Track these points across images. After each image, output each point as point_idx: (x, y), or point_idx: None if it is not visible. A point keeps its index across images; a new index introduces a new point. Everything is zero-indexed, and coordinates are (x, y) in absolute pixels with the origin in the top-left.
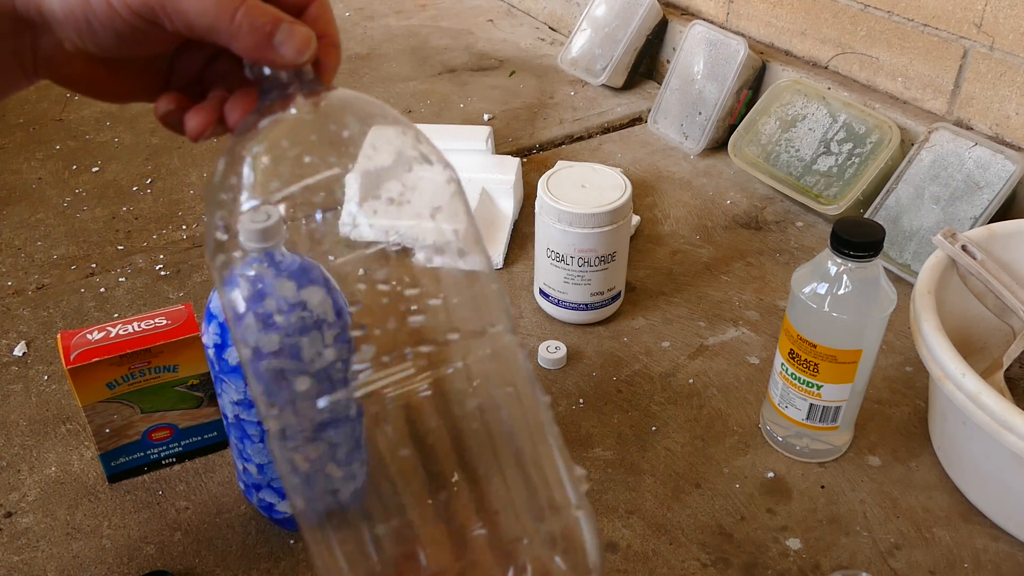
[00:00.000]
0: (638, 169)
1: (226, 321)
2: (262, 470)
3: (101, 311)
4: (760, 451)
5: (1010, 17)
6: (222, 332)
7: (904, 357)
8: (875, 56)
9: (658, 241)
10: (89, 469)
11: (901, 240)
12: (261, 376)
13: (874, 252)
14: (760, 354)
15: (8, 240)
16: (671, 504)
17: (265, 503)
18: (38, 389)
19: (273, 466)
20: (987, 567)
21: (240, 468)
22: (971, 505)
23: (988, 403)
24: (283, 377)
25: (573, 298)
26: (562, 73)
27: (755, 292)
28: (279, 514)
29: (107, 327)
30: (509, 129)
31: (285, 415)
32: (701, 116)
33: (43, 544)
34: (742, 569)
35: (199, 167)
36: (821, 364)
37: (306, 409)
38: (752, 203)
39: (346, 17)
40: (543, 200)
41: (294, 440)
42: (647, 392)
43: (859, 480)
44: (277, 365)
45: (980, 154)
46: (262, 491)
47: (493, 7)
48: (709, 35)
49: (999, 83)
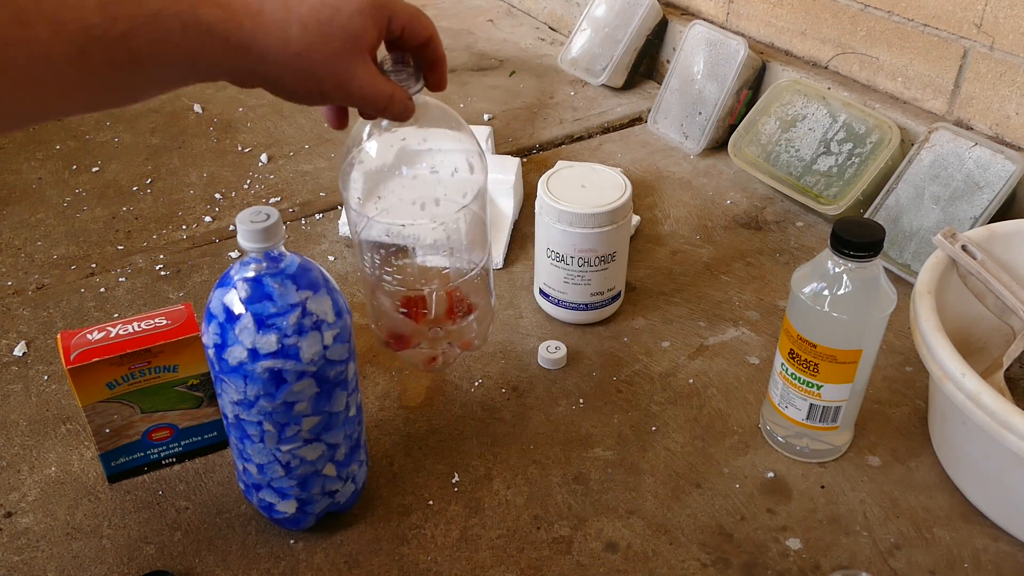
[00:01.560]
0: (638, 169)
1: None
2: (262, 470)
3: (101, 311)
4: (760, 451)
5: (1010, 17)
6: (222, 332)
7: (904, 357)
8: (875, 56)
9: (658, 241)
10: (89, 469)
11: (901, 240)
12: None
13: (874, 252)
14: (760, 354)
15: (8, 240)
16: (671, 504)
17: (265, 503)
18: (38, 389)
19: (273, 466)
20: (987, 567)
21: (240, 468)
22: (971, 505)
23: (988, 403)
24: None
25: (573, 298)
26: (562, 73)
27: (755, 292)
28: (279, 514)
29: (107, 327)
30: (509, 129)
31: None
32: (701, 116)
33: (43, 544)
34: (742, 569)
35: (199, 167)
36: (821, 364)
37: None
38: (752, 203)
39: None
40: (543, 200)
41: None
42: (647, 392)
43: (859, 480)
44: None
45: (980, 154)
46: (262, 491)
47: (493, 7)
48: (709, 35)
49: (999, 83)
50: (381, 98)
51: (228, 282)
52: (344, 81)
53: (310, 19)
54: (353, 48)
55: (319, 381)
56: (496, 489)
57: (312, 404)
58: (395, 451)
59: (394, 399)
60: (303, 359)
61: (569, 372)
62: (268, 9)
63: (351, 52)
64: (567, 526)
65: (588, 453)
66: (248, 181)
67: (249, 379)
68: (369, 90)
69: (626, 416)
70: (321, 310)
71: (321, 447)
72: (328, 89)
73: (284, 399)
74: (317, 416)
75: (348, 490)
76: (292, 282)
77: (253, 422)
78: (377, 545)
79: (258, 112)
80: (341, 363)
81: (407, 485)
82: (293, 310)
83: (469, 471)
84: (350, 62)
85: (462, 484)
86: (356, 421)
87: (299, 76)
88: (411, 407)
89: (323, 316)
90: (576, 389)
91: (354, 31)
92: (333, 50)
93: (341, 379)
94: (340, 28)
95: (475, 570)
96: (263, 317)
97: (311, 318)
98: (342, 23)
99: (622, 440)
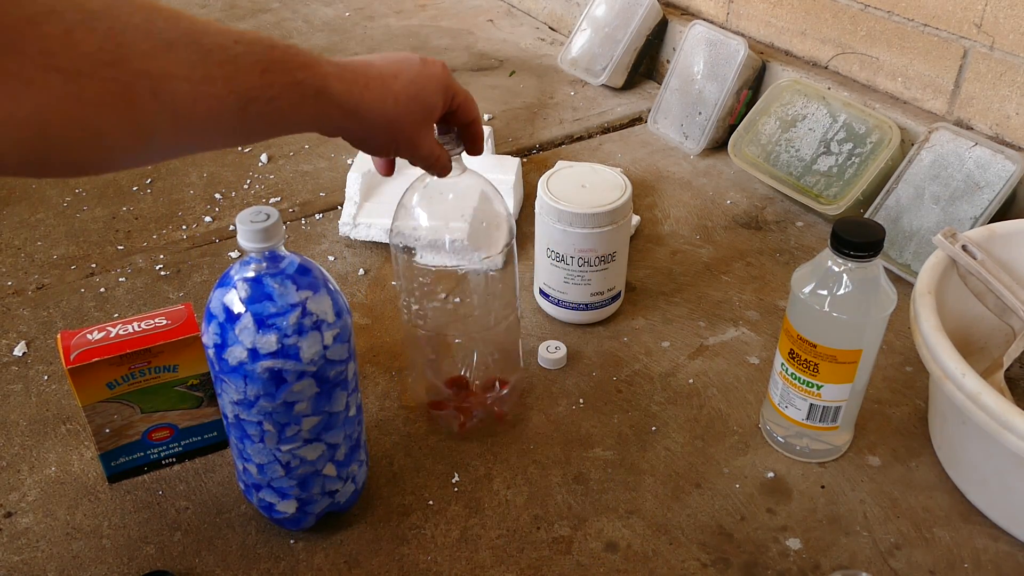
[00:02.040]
0: (638, 169)
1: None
2: (262, 470)
3: (101, 311)
4: (760, 451)
5: (1010, 17)
6: (222, 332)
7: (904, 357)
8: (875, 56)
9: (658, 241)
10: (89, 469)
11: (901, 240)
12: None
13: (874, 252)
14: (760, 354)
15: (8, 240)
16: (671, 504)
17: (265, 503)
18: (38, 389)
19: (273, 466)
20: (987, 567)
21: (240, 468)
22: (971, 505)
23: (988, 403)
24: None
25: (573, 298)
26: (562, 73)
27: (755, 292)
28: (279, 514)
29: (107, 327)
30: (509, 129)
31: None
32: (701, 116)
33: (43, 544)
34: (742, 569)
35: (199, 167)
36: (821, 364)
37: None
38: (752, 203)
39: (346, 17)
40: (543, 200)
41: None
42: (647, 392)
43: (859, 480)
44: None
45: (980, 154)
46: (262, 491)
47: (493, 7)
48: (709, 35)
49: (999, 83)
50: (432, 158)
51: (228, 282)
52: (415, 144)
53: (402, 95)
54: (427, 119)
55: (319, 381)
56: (496, 489)
57: (312, 404)
58: (395, 451)
59: (394, 399)
60: (303, 359)
61: (569, 372)
62: (373, 85)
63: (426, 122)
64: (567, 526)
65: (588, 453)
66: (248, 181)
67: (249, 379)
68: (426, 151)
69: (626, 416)
70: (321, 310)
71: (321, 447)
72: (401, 148)
73: (284, 399)
74: (317, 416)
75: (348, 490)
76: (292, 282)
77: (253, 422)
78: (377, 545)
79: None
80: (341, 363)
81: (407, 485)
82: (293, 310)
83: (469, 471)
84: (422, 129)
85: (462, 484)
86: (356, 421)
87: (387, 137)
88: (411, 407)
89: (323, 316)
90: (576, 389)
91: (431, 106)
92: (414, 120)
93: (341, 379)
94: (422, 103)
95: (475, 570)
96: (263, 317)
97: (311, 318)
98: (424, 100)
99: (622, 440)
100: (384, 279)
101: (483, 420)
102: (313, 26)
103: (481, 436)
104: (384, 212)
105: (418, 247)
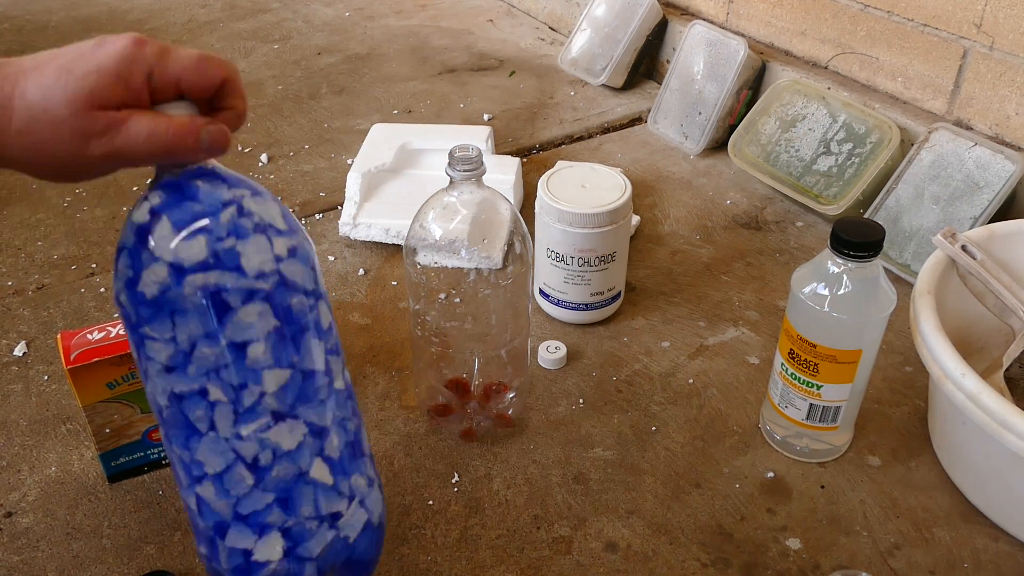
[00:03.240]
0: (638, 169)
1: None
2: (220, 485)
3: (101, 311)
4: (760, 451)
5: (1010, 17)
6: (133, 260)
7: (904, 357)
8: (875, 56)
9: (658, 241)
10: (89, 469)
11: (901, 240)
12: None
13: (874, 252)
14: (760, 354)
15: (8, 240)
16: (671, 504)
17: (237, 554)
18: (38, 389)
19: (235, 470)
20: (987, 567)
21: (192, 507)
22: (971, 505)
23: (988, 403)
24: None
25: (573, 298)
26: (562, 73)
27: (755, 292)
28: (260, 567)
29: (107, 327)
30: (509, 129)
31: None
32: (701, 116)
33: (43, 544)
34: (742, 569)
35: None
36: (821, 364)
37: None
38: (752, 203)
39: (346, 17)
40: (543, 200)
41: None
42: (647, 392)
43: (859, 480)
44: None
45: (980, 154)
46: (229, 532)
47: (493, 7)
48: (709, 35)
49: (999, 83)
50: (158, 142)
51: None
52: (85, 145)
53: (20, 117)
54: (83, 110)
55: (277, 311)
56: (496, 489)
57: (272, 348)
58: (395, 451)
59: (394, 399)
60: (247, 270)
61: (569, 372)
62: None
63: (81, 115)
64: (567, 526)
65: (588, 453)
66: None
67: (178, 314)
68: (132, 143)
69: (626, 416)
70: (266, 213)
71: (300, 428)
72: (68, 160)
73: (230, 337)
74: (283, 369)
75: (357, 519)
76: (222, 181)
77: (194, 393)
78: None
79: (258, 112)
80: (306, 293)
81: (407, 485)
82: (226, 207)
83: (469, 471)
84: (85, 123)
85: (462, 484)
86: (346, 397)
87: (29, 154)
88: (411, 407)
89: (269, 220)
90: (576, 389)
91: (86, 92)
92: (59, 117)
93: (312, 320)
94: (67, 93)
95: (475, 570)
96: (185, 220)
97: (251, 219)
98: (72, 86)
99: (622, 440)
100: (384, 279)
101: (487, 425)
102: (313, 26)
103: (481, 436)
104: (384, 212)
105: (434, 263)
